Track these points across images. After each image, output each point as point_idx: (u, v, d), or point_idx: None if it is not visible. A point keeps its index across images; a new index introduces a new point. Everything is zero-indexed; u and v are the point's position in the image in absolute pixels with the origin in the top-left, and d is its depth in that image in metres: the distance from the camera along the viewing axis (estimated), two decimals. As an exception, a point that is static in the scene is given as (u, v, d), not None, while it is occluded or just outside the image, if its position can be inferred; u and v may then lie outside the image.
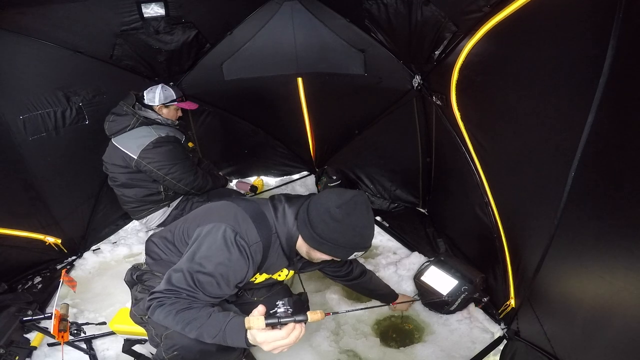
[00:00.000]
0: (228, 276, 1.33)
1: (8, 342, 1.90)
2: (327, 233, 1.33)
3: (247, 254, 1.35)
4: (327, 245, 1.35)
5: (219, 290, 1.33)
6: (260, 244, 1.39)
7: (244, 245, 1.34)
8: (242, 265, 1.35)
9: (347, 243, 1.34)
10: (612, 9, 0.95)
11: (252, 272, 1.41)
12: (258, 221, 1.40)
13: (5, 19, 2.14)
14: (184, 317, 1.26)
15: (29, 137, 2.42)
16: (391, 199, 3.24)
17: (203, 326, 1.25)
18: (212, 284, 1.31)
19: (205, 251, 1.33)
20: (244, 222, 1.38)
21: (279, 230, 1.45)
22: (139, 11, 2.44)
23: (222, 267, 1.31)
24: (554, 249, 1.47)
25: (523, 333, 1.88)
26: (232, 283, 1.36)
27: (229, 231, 1.33)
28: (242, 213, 1.40)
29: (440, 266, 2.31)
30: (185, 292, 1.28)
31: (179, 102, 2.58)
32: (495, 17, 1.51)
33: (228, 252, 1.32)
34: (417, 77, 2.41)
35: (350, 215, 1.31)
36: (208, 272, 1.30)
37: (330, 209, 1.32)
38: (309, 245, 1.40)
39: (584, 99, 1.10)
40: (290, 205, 1.48)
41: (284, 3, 2.71)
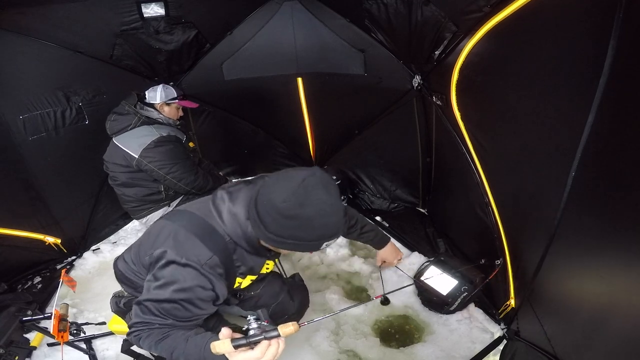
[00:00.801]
0: (192, 299, 1.22)
1: (8, 342, 1.90)
2: (283, 232, 1.17)
3: (203, 273, 1.22)
4: (288, 244, 1.20)
5: (190, 313, 1.24)
6: (215, 258, 1.25)
7: (195, 265, 1.21)
8: (203, 285, 1.23)
9: (309, 237, 1.18)
10: (612, 9, 0.95)
11: (222, 286, 1.29)
12: (204, 235, 1.26)
13: (5, 19, 2.14)
14: (164, 347, 1.21)
15: (28, 137, 2.42)
16: (391, 199, 3.24)
17: (185, 353, 1.19)
18: (179, 310, 1.22)
19: (159, 281, 1.23)
20: (188, 241, 1.25)
21: (233, 236, 1.30)
22: (139, 11, 2.44)
23: (181, 293, 1.21)
24: (554, 249, 1.47)
25: (523, 333, 1.88)
26: (205, 303, 1.26)
27: (173, 256, 1.21)
28: (183, 232, 1.26)
29: (440, 266, 2.31)
30: (157, 322, 1.21)
31: (180, 100, 2.59)
32: (496, 17, 1.51)
33: (181, 277, 1.21)
34: (417, 77, 2.41)
35: (304, 206, 1.11)
36: (168, 299, 1.20)
37: (277, 205, 1.13)
38: (270, 245, 1.27)
39: (584, 99, 1.10)
40: (235, 203, 1.32)
41: (283, 3, 2.71)
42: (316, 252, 2.80)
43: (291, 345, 2.10)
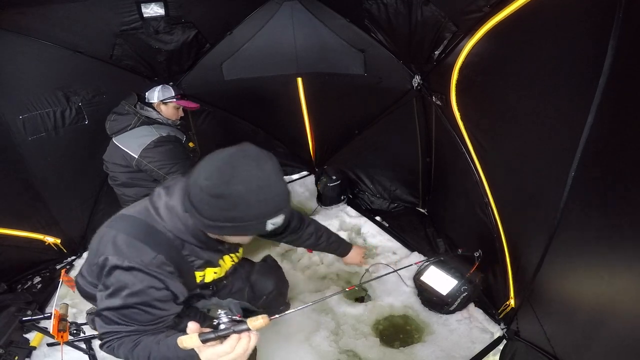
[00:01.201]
0: (148, 302, 1.17)
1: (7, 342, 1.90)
2: (217, 214, 1.08)
3: (149, 273, 1.16)
4: (228, 228, 1.11)
5: (151, 316, 1.19)
6: (159, 256, 1.18)
7: (139, 267, 1.15)
8: (154, 285, 1.17)
9: (247, 217, 1.08)
10: (612, 9, 0.95)
11: (177, 284, 1.24)
12: (143, 236, 1.19)
13: (5, 19, 2.14)
14: (139, 354, 1.16)
15: (28, 137, 2.42)
16: (391, 199, 3.24)
17: (160, 356, 1.14)
18: (138, 314, 1.17)
19: (108, 289, 1.17)
20: (127, 244, 1.18)
21: (175, 231, 1.23)
22: (139, 11, 2.43)
23: (134, 297, 1.15)
24: (553, 249, 1.47)
25: (523, 333, 1.88)
26: (164, 303, 1.21)
27: (115, 261, 1.15)
28: (122, 236, 1.19)
29: (439, 266, 2.31)
30: (123, 330, 1.17)
31: (177, 99, 2.58)
32: (495, 17, 1.51)
33: (129, 282, 1.15)
34: (417, 77, 2.41)
35: (231, 183, 1.03)
36: (124, 306, 1.15)
37: (202, 185, 1.06)
38: (212, 233, 1.21)
39: (584, 99, 1.10)
40: (172, 197, 1.25)
41: (283, 3, 2.71)
42: (316, 252, 2.80)
43: (291, 345, 2.10)
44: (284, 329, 2.20)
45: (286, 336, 2.16)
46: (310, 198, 3.59)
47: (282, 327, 2.22)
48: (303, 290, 2.52)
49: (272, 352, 2.07)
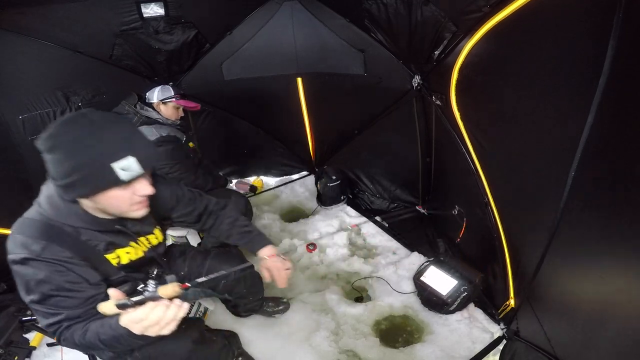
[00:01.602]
0: (60, 286, 1.17)
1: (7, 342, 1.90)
2: (60, 171, 1.09)
3: (46, 261, 1.15)
4: (79, 184, 1.10)
5: (75, 300, 1.19)
6: (51, 245, 1.17)
7: (33, 257, 1.15)
8: (57, 270, 1.17)
9: (88, 163, 1.08)
10: (612, 9, 0.95)
11: (82, 269, 1.22)
12: (33, 231, 1.19)
13: (5, 19, 2.14)
14: (90, 340, 1.18)
15: (28, 137, 2.42)
16: (391, 199, 3.24)
17: (105, 338, 1.16)
18: (62, 300, 1.18)
19: (20, 285, 1.19)
20: (19, 242, 1.18)
21: (61, 218, 1.21)
22: (139, 11, 2.43)
23: (45, 286, 1.16)
24: (553, 249, 1.47)
25: (523, 333, 1.88)
26: (78, 285, 1.20)
27: (11, 258, 1.17)
28: (14, 237, 1.20)
29: (439, 266, 2.31)
30: (62, 319, 1.18)
31: (177, 99, 2.58)
32: (495, 17, 1.51)
33: (30, 273, 1.16)
34: (416, 77, 2.41)
35: (60, 134, 1.07)
36: (43, 296, 1.17)
37: (39, 147, 1.09)
38: (70, 197, 1.17)
39: (584, 99, 1.10)
40: (49, 186, 1.25)
41: (283, 3, 2.71)
42: (316, 252, 2.80)
43: (291, 345, 2.10)
44: (284, 329, 2.20)
45: (286, 336, 2.16)
46: (310, 198, 3.59)
47: (282, 327, 2.22)
48: (303, 290, 2.52)
49: (272, 352, 2.07)
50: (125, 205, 1.22)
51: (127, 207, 1.23)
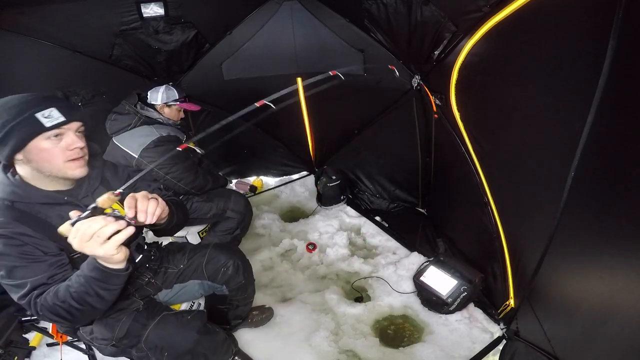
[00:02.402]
0: (20, 256, 1.21)
1: (7, 342, 1.90)
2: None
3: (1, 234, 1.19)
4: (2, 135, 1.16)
5: (37, 268, 1.22)
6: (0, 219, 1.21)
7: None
8: (11, 243, 1.20)
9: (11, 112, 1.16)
10: (612, 9, 0.95)
11: (33, 238, 1.24)
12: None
13: (5, 19, 2.14)
14: (63, 297, 1.20)
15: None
16: (391, 199, 3.24)
17: (75, 290, 1.19)
18: (25, 270, 1.21)
19: None
20: None
21: (7, 196, 1.25)
22: (138, 11, 2.43)
23: (5, 258, 1.20)
24: (553, 249, 1.47)
25: (522, 333, 1.88)
26: (35, 255, 1.23)
27: None
28: None
29: (439, 266, 2.31)
30: (31, 288, 1.21)
31: (181, 102, 2.58)
32: (495, 17, 1.51)
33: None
34: (416, 77, 2.41)
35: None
36: (10, 267, 1.21)
37: None
38: (3, 157, 1.22)
39: (584, 99, 1.10)
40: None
41: (283, 3, 2.71)
42: (316, 252, 2.80)
43: (291, 345, 2.10)
44: (284, 329, 2.20)
45: (286, 336, 2.16)
46: (310, 198, 3.59)
47: (282, 327, 2.22)
48: (303, 290, 2.52)
49: (272, 352, 2.07)
50: (59, 161, 1.24)
51: (62, 163, 1.24)
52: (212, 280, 1.82)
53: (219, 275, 1.82)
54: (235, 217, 2.61)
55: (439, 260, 2.37)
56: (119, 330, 1.45)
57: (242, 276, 1.88)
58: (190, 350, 1.48)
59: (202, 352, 1.53)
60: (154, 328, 1.46)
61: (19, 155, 1.20)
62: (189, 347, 1.47)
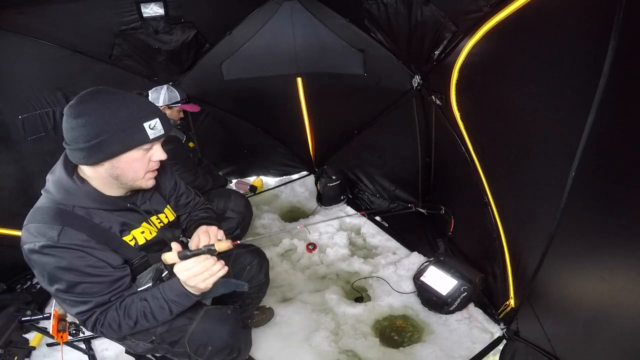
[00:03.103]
0: (84, 271, 1.19)
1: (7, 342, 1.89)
2: (88, 132, 1.12)
3: (64, 247, 1.16)
4: (107, 141, 1.13)
5: (102, 284, 1.22)
6: (66, 229, 1.17)
7: (51, 244, 1.14)
8: (77, 255, 1.18)
9: (120, 120, 1.14)
10: (612, 9, 0.95)
11: (102, 252, 1.22)
12: (46, 218, 1.19)
13: (5, 19, 2.14)
14: (136, 317, 1.26)
15: (27, 137, 2.42)
16: (391, 199, 3.24)
17: (150, 312, 1.26)
18: (89, 287, 1.21)
19: (43, 276, 1.20)
20: (34, 230, 1.18)
21: (71, 201, 1.22)
22: (138, 11, 2.43)
23: (69, 274, 1.17)
24: (553, 249, 1.47)
25: (523, 333, 1.88)
26: (101, 269, 1.22)
27: (28, 247, 1.16)
28: (29, 226, 1.19)
29: (439, 266, 2.31)
30: (93, 306, 1.22)
31: (182, 104, 2.58)
32: (495, 17, 1.51)
33: (52, 261, 1.16)
34: (416, 77, 2.41)
35: (91, 100, 1.15)
36: (69, 285, 1.18)
37: (65, 114, 1.15)
38: (95, 159, 1.17)
39: (584, 99, 1.10)
40: (54, 173, 1.27)
41: (283, 3, 2.71)
42: (316, 252, 2.81)
43: (291, 345, 2.10)
44: (284, 329, 2.20)
45: (286, 336, 2.16)
46: (310, 198, 3.59)
47: (283, 327, 2.22)
48: (303, 290, 2.52)
49: (272, 352, 2.07)
50: (142, 171, 1.26)
51: (143, 174, 1.27)
52: (237, 278, 1.83)
53: (244, 274, 1.84)
54: (235, 217, 2.61)
55: (439, 260, 2.36)
56: (162, 326, 1.43)
57: (263, 274, 1.91)
58: (231, 344, 1.49)
59: (238, 346, 1.55)
60: (200, 322, 1.47)
61: (107, 161, 1.19)
62: (231, 342, 1.49)
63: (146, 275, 1.38)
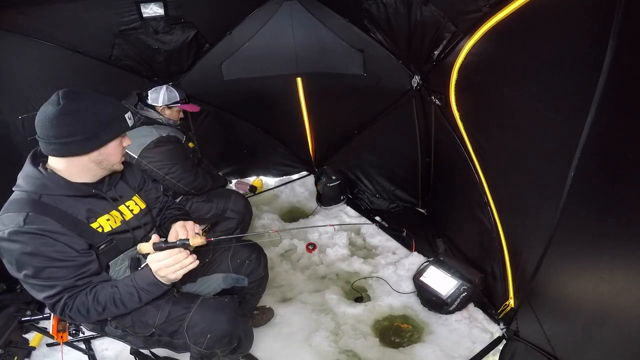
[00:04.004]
0: (52, 257, 1.23)
1: (7, 342, 1.90)
2: (85, 124, 1.25)
3: (30, 232, 1.20)
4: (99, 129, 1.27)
5: (68, 269, 1.26)
6: (31, 214, 1.22)
7: (17, 230, 1.19)
8: (44, 242, 1.22)
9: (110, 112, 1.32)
10: (612, 8, 0.95)
11: (69, 238, 1.26)
12: (14, 206, 1.26)
13: (5, 19, 2.15)
14: (104, 302, 1.30)
15: (27, 137, 2.42)
16: (390, 199, 3.24)
17: (120, 298, 1.32)
18: (55, 271, 1.24)
19: (11, 263, 1.24)
20: (3, 219, 1.24)
21: (39, 190, 1.29)
22: (138, 11, 2.44)
23: (35, 259, 1.22)
24: (553, 249, 1.47)
25: (522, 333, 1.88)
26: (69, 254, 1.26)
27: (1, 235, 1.20)
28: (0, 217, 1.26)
29: (439, 266, 2.31)
30: (60, 290, 1.26)
31: (182, 104, 2.58)
32: (495, 17, 1.51)
33: (19, 247, 1.20)
34: (416, 77, 2.41)
35: (77, 100, 1.26)
36: (36, 270, 1.22)
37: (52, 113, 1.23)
38: (90, 148, 1.29)
39: (584, 98, 1.10)
40: (24, 167, 1.36)
41: (283, 3, 2.71)
42: (316, 252, 2.81)
43: (291, 345, 2.10)
44: (284, 329, 2.20)
45: (286, 336, 2.16)
46: (310, 198, 3.59)
47: (283, 327, 2.22)
48: (303, 290, 2.52)
49: (272, 352, 2.07)
50: (118, 156, 1.40)
51: (119, 158, 1.41)
52: (237, 273, 1.86)
53: (243, 268, 1.86)
54: (235, 217, 2.61)
55: (439, 260, 2.36)
56: (160, 317, 1.47)
57: (262, 269, 1.93)
58: (230, 332, 1.52)
59: (238, 335, 1.58)
60: (197, 310, 1.50)
61: (98, 149, 1.31)
62: (229, 329, 1.51)
63: (121, 264, 1.44)
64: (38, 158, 1.36)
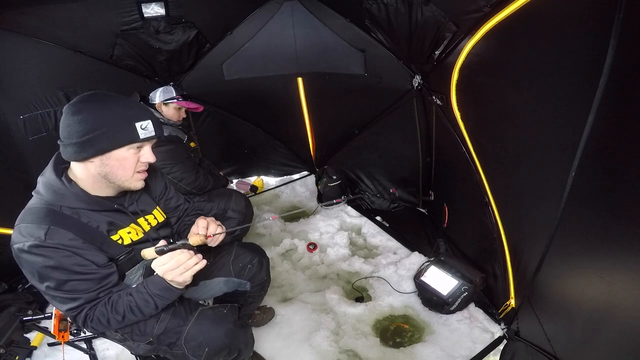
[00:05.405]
0: (72, 269, 1.21)
1: (8, 341, 1.90)
2: (83, 128, 1.16)
3: (52, 246, 1.18)
4: (98, 138, 1.17)
5: (90, 282, 1.25)
6: (52, 228, 1.19)
7: (38, 244, 1.17)
8: (65, 255, 1.20)
9: (114, 119, 1.20)
10: (612, 9, 0.95)
11: (88, 252, 1.24)
12: (34, 218, 1.22)
13: (5, 19, 2.14)
14: (123, 311, 1.29)
15: (29, 137, 2.43)
16: (391, 199, 3.24)
17: (136, 305, 1.29)
18: (77, 284, 1.23)
19: (33, 275, 1.21)
20: (24, 230, 1.20)
21: (60, 201, 1.25)
22: (139, 11, 2.44)
23: (58, 272, 1.19)
24: (554, 249, 1.47)
25: (523, 333, 1.88)
26: (88, 267, 1.24)
27: (17, 247, 1.19)
28: (19, 226, 1.23)
29: (440, 266, 2.31)
30: (82, 303, 1.25)
31: (177, 100, 2.58)
32: (496, 17, 1.51)
33: (40, 260, 1.18)
34: (417, 77, 2.41)
35: (89, 100, 1.20)
36: (58, 283, 1.21)
37: (64, 112, 1.19)
38: (82, 159, 1.21)
39: (584, 99, 1.10)
40: (45, 174, 1.31)
41: (284, 3, 2.71)
42: (317, 252, 2.81)
43: (291, 345, 2.10)
44: (284, 329, 2.20)
45: (287, 336, 2.16)
46: (310, 198, 3.59)
47: (283, 327, 2.22)
48: (303, 290, 2.52)
49: (272, 352, 2.07)
50: (130, 171, 1.28)
51: (131, 174, 1.29)
52: (239, 277, 1.84)
53: (245, 272, 1.84)
54: (236, 217, 2.62)
55: (440, 260, 2.36)
56: (158, 327, 1.45)
57: (264, 273, 1.91)
58: (228, 344, 1.49)
59: (237, 346, 1.55)
60: (194, 323, 1.48)
61: (98, 158, 1.22)
62: (227, 342, 1.49)
63: (136, 272, 1.41)
64: (60, 165, 1.31)
